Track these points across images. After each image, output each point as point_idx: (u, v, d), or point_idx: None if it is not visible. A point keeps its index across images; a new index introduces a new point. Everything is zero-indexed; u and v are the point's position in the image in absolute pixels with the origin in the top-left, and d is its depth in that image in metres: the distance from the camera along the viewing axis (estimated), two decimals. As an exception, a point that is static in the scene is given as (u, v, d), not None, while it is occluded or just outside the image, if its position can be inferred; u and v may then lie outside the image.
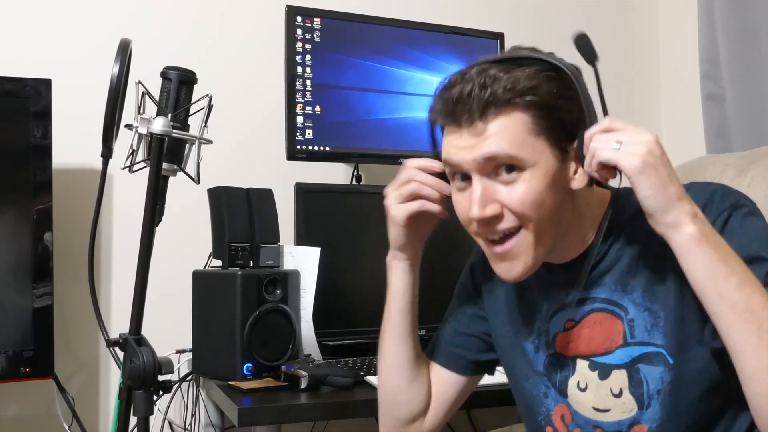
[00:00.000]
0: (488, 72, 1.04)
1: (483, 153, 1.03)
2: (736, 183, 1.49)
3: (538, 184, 1.04)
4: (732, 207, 1.07)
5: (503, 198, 1.04)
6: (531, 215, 1.04)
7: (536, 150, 1.03)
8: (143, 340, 1.19)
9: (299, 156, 1.97)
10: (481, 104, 1.03)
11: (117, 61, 1.20)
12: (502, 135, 1.03)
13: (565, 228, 1.10)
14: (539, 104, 1.03)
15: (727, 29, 2.21)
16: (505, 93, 1.03)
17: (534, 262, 1.08)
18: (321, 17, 2.01)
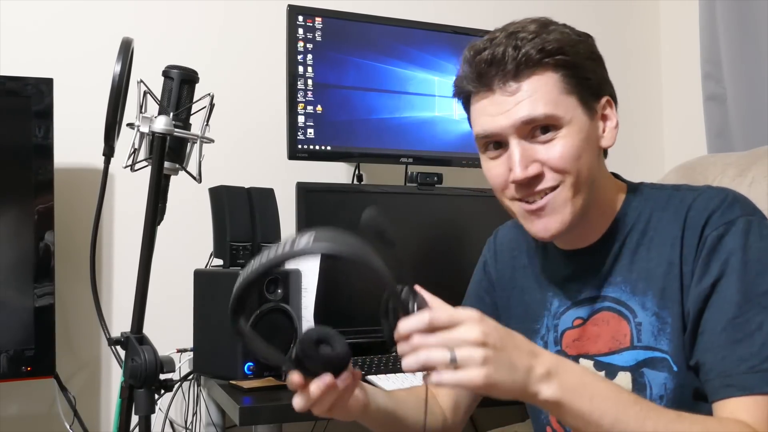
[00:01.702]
0: (518, 35, 1.07)
1: (521, 116, 1.06)
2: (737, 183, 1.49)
3: (575, 140, 1.06)
4: (730, 222, 1.04)
5: (543, 157, 1.07)
6: (571, 170, 1.07)
7: (569, 108, 1.07)
8: (145, 339, 1.19)
9: (300, 155, 1.97)
10: (515, 64, 1.06)
11: (119, 60, 1.20)
12: (537, 96, 1.05)
13: (595, 192, 1.11)
14: (569, 63, 1.07)
15: (728, 29, 2.21)
16: (538, 53, 1.05)
17: (571, 219, 1.08)
18: (322, 17, 2.01)
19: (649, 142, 2.67)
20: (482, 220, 2.03)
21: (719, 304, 1.01)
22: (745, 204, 1.07)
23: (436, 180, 2.04)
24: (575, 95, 1.07)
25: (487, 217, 2.06)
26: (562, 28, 1.11)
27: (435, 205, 2.05)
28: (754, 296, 0.99)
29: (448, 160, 2.12)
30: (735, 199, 1.07)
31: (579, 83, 1.07)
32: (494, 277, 1.31)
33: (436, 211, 2.05)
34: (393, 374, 1.65)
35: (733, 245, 1.02)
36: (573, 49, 1.08)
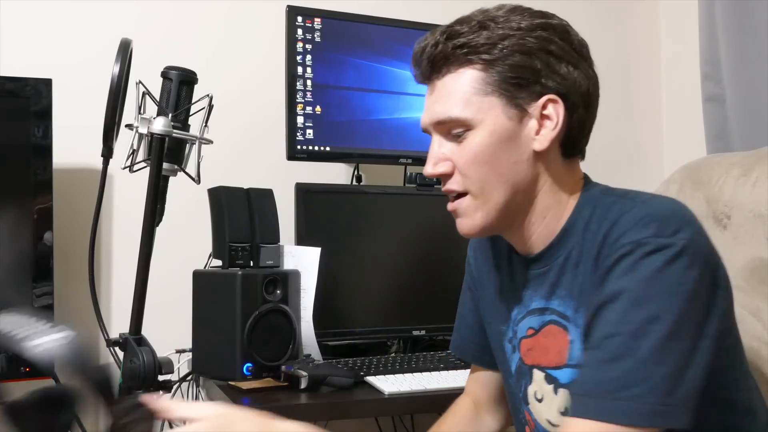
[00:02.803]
0: (453, 27, 1.05)
1: (432, 118, 1.07)
2: (742, 182, 1.48)
3: (486, 143, 1.03)
4: (635, 244, 0.95)
5: (454, 156, 1.06)
6: (476, 174, 1.05)
7: (483, 108, 1.03)
8: (143, 340, 1.19)
9: (300, 156, 1.97)
10: (431, 61, 1.06)
11: (117, 61, 1.20)
12: (448, 97, 1.05)
13: (528, 197, 1.07)
14: (492, 62, 1.03)
15: (728, 30, 2.21)
16: (456, 50, 1.04)
17: (485, 224, 1.07)
18: (322, 17, 2.00)
19: (649, 143, 2.67)
20: (481, 221, 2.04)
21: (600, 324, 0.95)
22: (664, 225, 0.96)
23: (435, 181, 2.03)
24: (499, 95, 1.03)
25: (486, 218, 2.06)
26: (517, 20, 1.05)
27: (434, 206, 2.04)
28: (633, 323, 0.92)
29: (447, 160, 2.12)
30: (654, 219, 0.96)
31: (506, 82, 1.03)
32: (475, 275, 1.30)
33: (435, 211, 2.04)
34: (392, 375, 1.65)
35: (629, 268, 0.94)
36: (507, 45, 1.03)
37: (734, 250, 1.39)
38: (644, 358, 0.90)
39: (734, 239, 1.40)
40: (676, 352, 0.91)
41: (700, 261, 0.94)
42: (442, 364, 1.74)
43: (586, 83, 1.10)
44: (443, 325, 2.01)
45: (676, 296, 0.92)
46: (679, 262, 0.93)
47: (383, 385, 1.58)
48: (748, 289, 1.35)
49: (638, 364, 0.91)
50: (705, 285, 0.95)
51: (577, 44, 1.09)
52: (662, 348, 0.90)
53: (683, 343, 0.92)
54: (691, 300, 0.93)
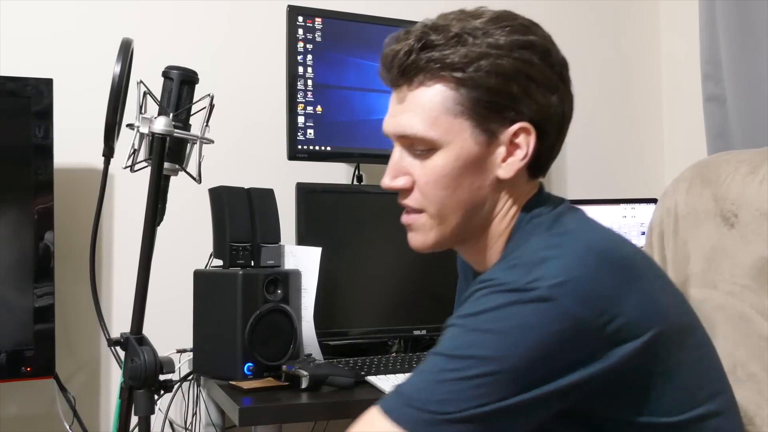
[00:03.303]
0: (429, 36, 0.99)
1: (396, 130, 1.03)
2: (749, 180, 1.47)
3: (450, 166, 0.99)
4: (489, 281, 0.91)
5: (415, 173, 1.02)
6: (435, 197, 1.01)
7: (452, 130, 0.98)
8: (144, 340, 1.19)
9: (300, 156, 1.97)
10: (401, 69, 1.01)
11: (118, 61, 1.20)
12: (417, 110, 1.00)
13: (483, 220, 1.03)
14: (466, 82, 0.97)
15: (728, 30, 2.21)
16: (430, 63, 0.98)
17: (436, 242, 1.04)
18: (322, 17, 2.01)
19: (649, 143, 2.67)
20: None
21: (439, 343, 0.93)
22: (528, 271, 0.90)
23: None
24: (469, 118, 0.98)
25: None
26: (497, 36, 0.98)
27: (435, 206, 2.05)
28: (451, 347, 0.90)
29: (447, 160, 2.12)
30: (523, 264, 0.92)
31: (479, 105, 0.97)
32: (461, 277, 1.30)
33: (435, 211, 2.05)
34: (393, 375, 1.65)
35: (474, 300, 0.92)
36: (484, 66, 0.96)
37: (741, 249, 1.39)
38: (437, 377, 0.88)
39: (741, 238, 1.40)
40: (475, 386, 0.86)
41: (552, 315, 0.87)
42: (442, 364, 1.74)
43: (561, 109, 1.02)
44: (444, 325, 2.01)
45: (506, 338, 0.87)
46: (522, 308, 0.87)
47: (384, 385, 1.58)
48: (756, 288, 1.34)
49: (432, 380, 0.88)
50: (553, 341, 0.87)
51: (558, 66, 1.02)
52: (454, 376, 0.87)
53: (485, 382, 0.86)
54: (527, 349, 0.87)
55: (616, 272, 0.92)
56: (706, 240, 1.44)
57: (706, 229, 1.44)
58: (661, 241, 1.53)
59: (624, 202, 2.28)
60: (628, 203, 2.28)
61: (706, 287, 1.40)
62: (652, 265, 1.01)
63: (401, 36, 1.03)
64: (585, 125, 2.56)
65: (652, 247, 1.57)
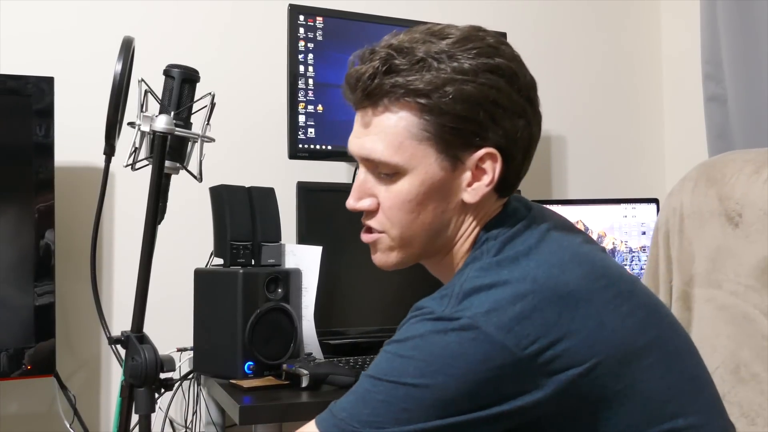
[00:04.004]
0: (393, 59, 0.97)
1: (361, 152, 1.03)
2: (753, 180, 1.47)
3: (414, 191, 0.99)
4: (418, 308, 0.95)
5: (380, 195, 1.03)
6: (398, 221, 1.01)
7: (416, 156, 0.98)
8: (145, 338, 1.19)
9: (301, 155, 1.97)
10: (365, 93, 1.00)
11: (120, 59, 1.20)
12: (382, 135, 0.99)
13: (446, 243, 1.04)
14: (432, 109, 0.96)
15: (729, 30, 2.21)
16: (395, 88, 0.97)
17: (397, 263, 1.06)
18: (324, 16, 2.00)
19: (650, 143, 2.67)
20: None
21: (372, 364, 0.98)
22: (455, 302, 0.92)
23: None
24: (432, 142, 0.97)
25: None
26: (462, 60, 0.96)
27: (435, 205, 2.05)
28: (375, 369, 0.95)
29: (448, 160, 2.12)
30: (451, 294, 0.93)
31: (442, 131, 0.96)
32: None
33: (436, 210, 2.05)
34: (393, 374, 1.65)
35: (402, 325, 0.97)
36: (449, 92, 0.95)
37: (746, 248, 1.39)
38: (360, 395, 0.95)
39: (746, 238, 1.40)
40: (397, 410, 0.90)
41: (476, 344, 0.88)
42: (443, 363, 1.74)
43: (528, 131, 1.01)
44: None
45: (429, 366, 0.90)
46: (445, 336, 0.89)
47: (384, 384, 1.58)
48: (760, 287, 1.34)
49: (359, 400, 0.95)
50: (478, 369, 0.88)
51: (525, 88, 1.00)
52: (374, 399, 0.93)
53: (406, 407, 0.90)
54: (450, 376, 0.88)
55: (554, 302, 0.91)
56: (710, 240, 1.44)
57: (711, 229, 1.44)
58: (666, 241, 1.53)
59: (624, 202, 2.28)
60: (628, 203, 2.28)
61: (711, 287, 1.40)
62: (610, 287, 0.97)
63: (366, 56, 1.02)
64: (585, 125, 2.56)
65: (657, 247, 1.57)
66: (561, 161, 2.49)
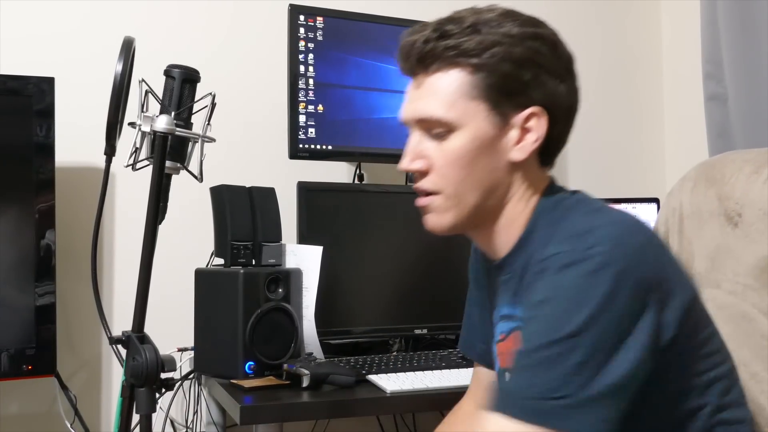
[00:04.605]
0: (445, 26, 1.05)
1: (414, 114, 1.07)
2: (753, 179, 1.47)
3: (466, 147, 1.04)
4: (550, 258, 0.96)
5: (432, 155, 1.07)
6: (452, 177, 1.05)
7: (468, 112, 1.04)
8: (146, 338, 1.19)
9: (302, 155, 1.97)
10: (419, 57, 1.06)
11: (120, 60, 1.20)
12: (434, 95, 1.05)
13: (498, 203, 1.08)
14: (481, 68, 1.03)
15: (730, 29, 2.21)
16: (447, 50, 1.04)
17: (454, 224, 1.09)
18: (324, 16, 2.01)
19: (650, 143, 2.67)
20: (483, 220, 2.04)
21: (527, 339, 0.96)
22: (582, 240, 0.96)
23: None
24: (484, 101, 1.04)
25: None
26: (509, 27, 1.04)
27: (436, 205, 2.05)
28: (559, 336, 0.92)
29: (449, 159, 2.12)
30: (573, 234, 0.98)
31: (493, 89, 1.03)
32: (472, 276, 1.33)
33: (437, 210, 2.05)
34: (394, 373, 1.65)
35: (544, 282, 0.96)
36: (498, 52, 1.02)
37: (745, 248, 1.39)
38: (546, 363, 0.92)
39: (745, 237, 1.40)
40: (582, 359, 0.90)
41: (614, 275, 0.92)
42: (443, 363, 1.74)
43: (569, 98, 1.09)
44: (445, 324, 2.01)
45: (587, 308, 0.91)
46: (589, 276, 0.92)
47: (385, 384, 1.58)
48: (759, 287, 1.34)
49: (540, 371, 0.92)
50: (623, 299, 0.92)
51: (565, 58, 1.09)
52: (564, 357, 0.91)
53: (592, 352, 0.91)
54: (603, 312, 0.91)
55: (655, 241, 1.02)
56: (710, 239, 1.44)
57: (711, 229, 1.45)
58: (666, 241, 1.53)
59: (624, 202, 2.28)
60: (628, 203, 2.28)
61: (710, 287, 1.40)
62: None
63: (418, 28, 1.08)
64: (586, 124, 2.55)
65: (657, 247, 1.57)
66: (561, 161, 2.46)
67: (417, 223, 2.01)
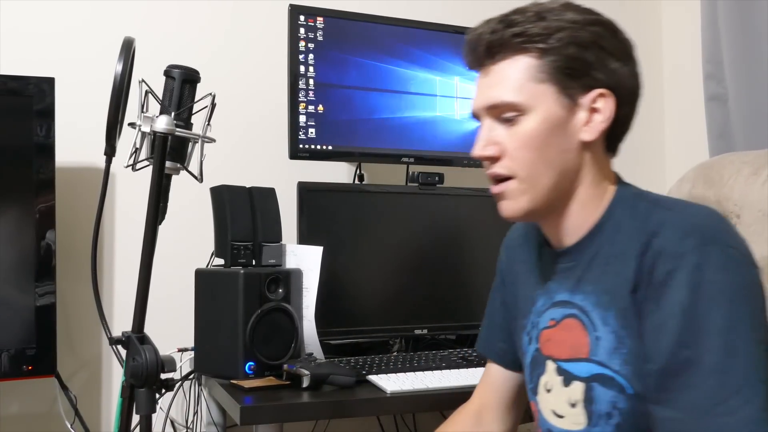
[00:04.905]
0: (510, 17, 1.09)
1: (485, 102, 1.10)
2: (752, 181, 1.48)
3: (538, 129, 1.07)
4: (681, 257, 0.98)
5: (503, 140, 1.09)
6: (525, 160, 1.08)
7: (537, 95, 1.07)
8: (146, 339, 1.19)
9: (302, 155, 1.97)
10: (486, 47, 1.09)
11: (120, 60, 1.20)
12: (503, 81, 1.08)
13: (572, 186, 1.11)
14: (548, 51, 1.06)
15: (730, 29, 2.21)
16: (514, 37, 1.07)
17: (527, 208, 1.10)
18: (324, 16, 2.00)
19: (651, 143, 2.67)
20: (483, 221, 2.03)
21: (671, 346, 0.97)
22: (706, 232, 1.00)
23: (438, 180, 2.04)
24: (552, 84, 1.07)
25: (488, 218, 2.06)
26: (571, 14, 1.08)
27: (436, 205, 2.05)
28: (707, 336, 0.95)
29: (449, 160, 2.12)
30: (694, 228, 1.00)
31: (560, 72, 1.07)
32: (504, 274, 1.33)
33: (437, 211, 2.05)
34: (393, 374, 1.65)
35: (684, 282, 0.97)
36: (563, 37, 1.06)
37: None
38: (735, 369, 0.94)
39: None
40: (756, 356, 0.94)
41: (748, 263, 0.99)
42: (444, 363, 1.74)
43: (632, 81, 1.14)
44: (445, 324, 2.01)
45: (736, 302, 0.95)
46: (731, 268, 0.97)
47: (385, 384, 1.58)
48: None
49: (730, 377, 0.94)
50: (758, 286, 0.98)
51: (626, 43, 1.14)
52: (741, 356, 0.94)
53: (758, 347, 0.95)
54: (752, 301, 0.97)
55: None
56: (709, 240, 1.44)
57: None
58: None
59: (625, 202, 2.27)
60: (629, 203, 2.27)
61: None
62: None
63: (482, 24, 1.11)
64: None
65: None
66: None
67: (417, 223, 2.03)
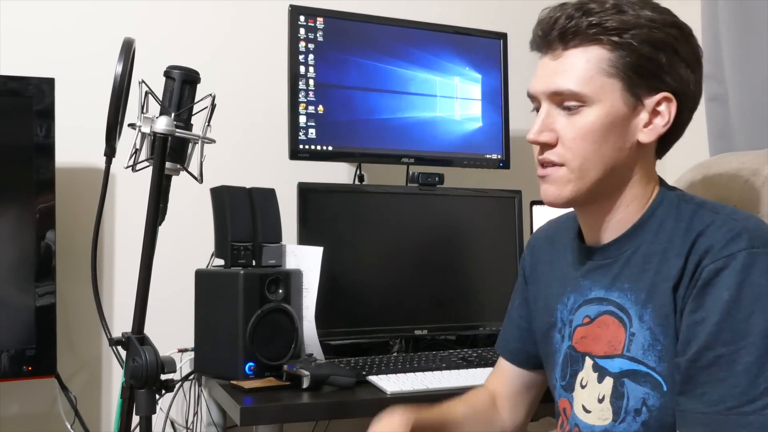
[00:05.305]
0: (588, 5, 1.07)
1: (550, 87, 1.09)
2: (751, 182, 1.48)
3: (597, 123, 1.07)
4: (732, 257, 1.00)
5: (560, 128, 1.09)
6: (579, 152, 1.07)
7: (604, 89, 1.06)
8: (146, 339, 1.19)
9: (302, 155, 1.97)
10: (561, 32, 1.08)
11: (120, 61, 1.20)
12: (572, 69, 1.07)
13: (618, 184, 1.11)
14: (623, 46, 1.05)
15: (730, 30, 2.21)
16: (590, 27, 1.06)
17: (570, 197, 1.10)
18: (324, 17, 2.00)
19: (651, 143, 2.67)
20: (483, 221, 2.03)
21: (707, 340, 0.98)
22: (755, 235, 1.01)
23: (438, 180, 2.04)
24: (621, 80, 1.06)
25: (488, 218, 2.06)
26: (649, 12, 1.07)
27: (436, 206, 2.05)
28: (746, 336, 0.96)
29: (449, 160, 2.12)
30: (744, 230, 1.02)
31: (630, 69, 1.06)
32: (527, 273, 1.34)
33: (437, 211, 2.05)
34: (394, 374, 1.65)
35: (730, 282, 0.98)
36: (639, 34, 1.05)
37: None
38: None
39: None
40: None
41: None
42: (444, 364, 1.74)
43: (696, 89, 1.12)
44: (445, 325, 2.01)
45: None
46: None
47: (385, 385, 1.58)
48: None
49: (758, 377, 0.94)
50: None
51: (698, 50, 1.12)
52: None
53: None
54: None
55: None
56: (709, 241, 1.44)
57: (709, 230, 1.44)
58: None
59: (625, 202, 2.27)
60: (629, 203, 2.27)
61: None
62: None
63: (557, 7, 1.10)
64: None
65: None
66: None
67: (417, 223, 2.02)
